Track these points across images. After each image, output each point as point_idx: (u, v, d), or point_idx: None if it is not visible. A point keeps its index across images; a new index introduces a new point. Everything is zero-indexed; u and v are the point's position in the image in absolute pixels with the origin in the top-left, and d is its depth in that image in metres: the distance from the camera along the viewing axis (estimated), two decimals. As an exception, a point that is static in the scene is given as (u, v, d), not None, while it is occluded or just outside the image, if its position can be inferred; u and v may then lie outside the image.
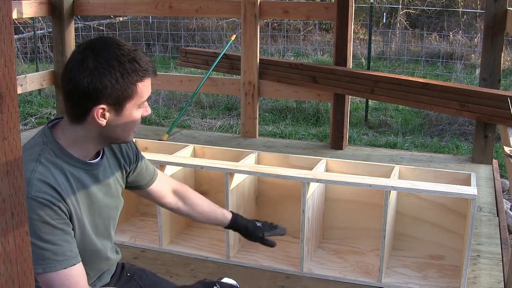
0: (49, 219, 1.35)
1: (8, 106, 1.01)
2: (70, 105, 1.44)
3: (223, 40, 10.41)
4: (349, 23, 4.21)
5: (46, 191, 1.36)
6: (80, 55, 1.40)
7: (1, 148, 1.01)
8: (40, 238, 1.34)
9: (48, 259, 1.35)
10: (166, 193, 1.80)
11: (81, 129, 1.44)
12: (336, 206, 2.74)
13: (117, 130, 1.45)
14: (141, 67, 1.40)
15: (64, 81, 1.45)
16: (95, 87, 1.37)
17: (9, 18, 0.97)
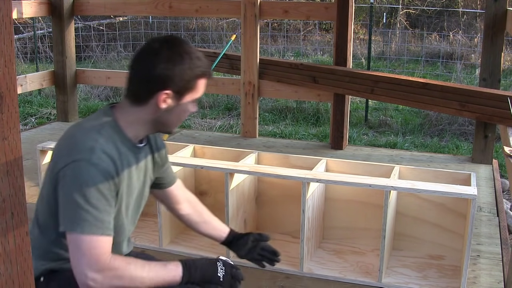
0: (102, 186, 1.46)
1: (8, 106, 1.01)
2: (137, 88, 1.58)
3: (223, 40, 10.41)
4: (349, 23, 4.21)
5: (106, 161, 1.49)
6: (156, 45, 1.55)
7: (1, 148, 1.01)
8: (87, 201, 1.43)
9: (87, 221, 1.43)
10: (181, 199, 1.93)
11: (140, 111, 1.58)
12: (336, 206, 2.74)
13: (171, 117, 1.60)
14: (204, 65, 1.59)
15: (136, 66, 1.57)
16: (166, 74, 1.53)
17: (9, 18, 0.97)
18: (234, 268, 1.64)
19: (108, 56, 9.54)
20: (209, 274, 1.57)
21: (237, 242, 1.99)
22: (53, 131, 4.90)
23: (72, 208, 1.44)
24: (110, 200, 1.49)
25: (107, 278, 1.43)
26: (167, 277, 1.51)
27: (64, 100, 5.18)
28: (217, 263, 1.61)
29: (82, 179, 1.45)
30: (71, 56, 5.11)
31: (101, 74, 5.34)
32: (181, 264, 1.54)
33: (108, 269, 1.43)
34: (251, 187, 2.76)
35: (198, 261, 1.58)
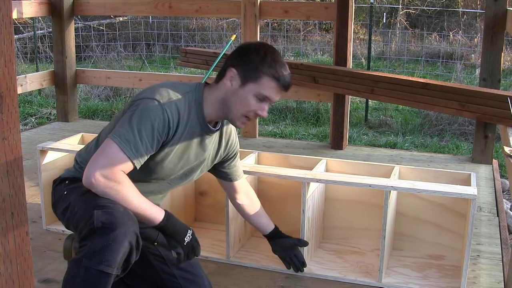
0: (157, 128, 1.70)
1: (8, 106, 1.01)
2: (223, 66, 1.86)
3: (223, 40, 10.41)
4: (349, 23, 4.21)
5: (174, 115, 1.74)
6: (251, 42, 1.88)
7: (1, 148, 1.01)
8: (139, 129, 1.68)
9: (127, 140, 1.66)
10: (240, 191, 2.25)
11: (215, 89, 1.84)
12: (336, 206, 2.74)
13: (234, 101, 1.82)
14: (278, 71, 1.79)
15: (233, 51, 1.87)
16: (240, 56, 1.82)
17: (9, 18, 0.97)
18: (197, 243, 1.84)
19: (108, 56, 9.54)
20: (178, 234, 1.77)
21: (277, 240, 2.32)
22: (53, 131, 4.90)
23: (125, 126, 1.69)
24: (154, 142, 1.70)
25: (107, 185, 1.63)
26: (148, 214, 1.71)
27: (64, 100, 5.18)
28: (188, 231, 1.81)
29: (148, 112, 1.69)
30: (71, 56, 5.11)
31: (101, 74, 5.34)
32: (164, 213, 1.75)
33: (113, 180, 1.64)
34: (251, 187, 2.75)
35: (176, 220, 1.78)
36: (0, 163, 1.03)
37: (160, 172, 1.87)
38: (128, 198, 1.67)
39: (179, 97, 1.78)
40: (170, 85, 1.84)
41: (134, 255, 1.61)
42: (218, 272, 2.46)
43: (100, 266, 1.51)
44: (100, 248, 1.52)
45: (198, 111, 1.83)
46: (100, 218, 1.55)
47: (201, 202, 2.98)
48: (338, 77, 4.23)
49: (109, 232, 1.53)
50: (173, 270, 1.92)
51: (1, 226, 1.04)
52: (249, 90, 1.80)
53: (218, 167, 2.15)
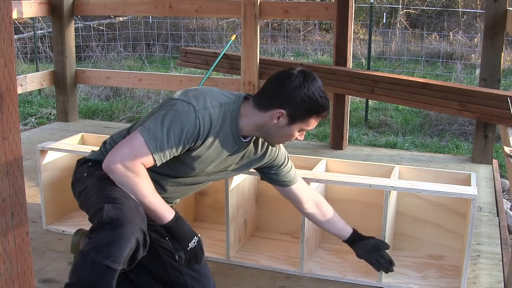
0: (186, 131, 1.73)
1: (8, 106, 1.01)
2: (264, 97, 1.86)
3: (223, 40, 10.41)
4: (349, 23, 4.21)
5: (206, 123, 1.78)
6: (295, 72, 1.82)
7: (1, 148, 1.01)
8: (169, 128, 1.71)
9: (155, 137, 1.69)
10: (305, 199, 2.21)
11: (257, 115, 1.86)
12: (336, 206, 2.73)
13: (277, 134, 1.88)
14: (324, 109, 1.85)
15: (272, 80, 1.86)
16: (289, 97, 1.80)
17: (9, 18, 0.97)
18: (201, 251, 1.84)
19: (108, 56, 9.54)
20: (184, 238, 1.78)
21: (359, 243, 2.25)
22: (53, 131, 4.90)
23: (156, 122, 1.72)
24: (181, 145, 1.74)
25: (125, 174, 1.66)
26: (160, 211, 1.73)
27: (64, 100, 5.18)
28: (195, 237, 1.81)
29: (180, 115, 1.73)
30: (71, 56, 5.11)
31: (101, 74, 5.34)
32: (175, 214, 1.77)
33: (131, 170, 1.67)
34: (251, 187, 2.76)
35: (185, 223, 1.80)
36: (0, 163, 1.03)
37: (185, 173, 1.92)
38: (143, 191, 1.69)
39: (215, 106, 1.81)
40: (210, 92, 1.87)
41: (141, 251, 1.63)
42: (218, 272, 2.46)
43: (106, 261, 1.53)
44: (107, 243, 1.54)
45: (233, 123, 1.86)
46: (109, 214, 1.58)
47: (201, 202, 2.98)
48: (338, 77, 4.23)
49: (116, 228, 1.55)
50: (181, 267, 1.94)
51: (1, 226, 1.05)
52: (294, 128, 1.86)
53: (266, 173, 2.17)
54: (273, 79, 1.87)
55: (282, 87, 1.82)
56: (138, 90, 7.44)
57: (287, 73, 1.83)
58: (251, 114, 1.86)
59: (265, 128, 1.87)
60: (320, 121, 1.90)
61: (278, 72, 1.89)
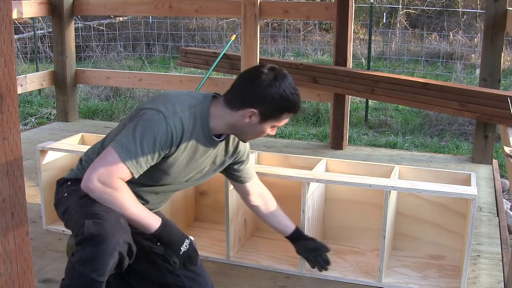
0: (159, 140, 1.74)
1: (8, 106, 1.01)
2: (235, 96, 1.86)
3: (223, 40, 10.41)
4: (349, 23, 4.20)
5: (177, 129, 1.77)
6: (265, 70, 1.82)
7: (1, 148, 1.01)
8: (141, 140, 1.72)
9: (129, 150, 1.70)
10: (253, 192, 2.25)
11: (228, 114, 1.85)
12: (336, 206, 2.74)
13: (249, 131, 1.89)
14: (295, 106, 1.85)
15: (241, 78, 1.87)
16: (260, 96, 1.80)
17: (9, 18, 0.97)
18: (195, 253, 1.84)
19: (108, 56, 9.54)
20: (175, 244, 1.79)
21: (300, 241, 2.28)
22: (53, 131, 4.90)
23: (128, 135, 1.73)
24: (155, 154, 1.75)
25: (104, 191, 1.67)
26: (144, 222, 1.74)
27: (64, 100, 5.18)
28: (186, 240, 1.82)
29: (151, 124, 1.74)
30: (71, 56, 5.11)
31: (101, 74, 5.34)
32: (161, 222, 1.77)
33: (110, 186, 1.68)
34: (251, 187, 2.75)
35: (174, 229, 1.81)
36: (0, 163, 1.03)
37: (165, 180, 1.93)
38: (125, 205, 1.70)
39: (184, 110, 1.81)
40: (178, 96, 1.87)
41: (126, 262, 1.67)
42: (218, 272, 2.46)
43: (92, 274, 1.59)
44: (91, 258, 1.59)
45: (204, 124, 1.86)
46: (90, 230, 1.61)
47: (201, 202, 2.98)
48: (338, 77, 4.23)
49: (98, 244, 1.59)
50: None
51: (1, 226, 1.04)
52: (267, 125, 1.87)
53: (228, 170, 2.17)
54: (243, 77, 1.87)
55: (252, 85, 1.82)
56: (138, 90, 7.44)
57: (258, 71, 1.83)
58: (222, 114, 1.87)
59: (237, 127, 1.88)
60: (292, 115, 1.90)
61: (248, 69, 1.89)
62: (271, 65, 1.86)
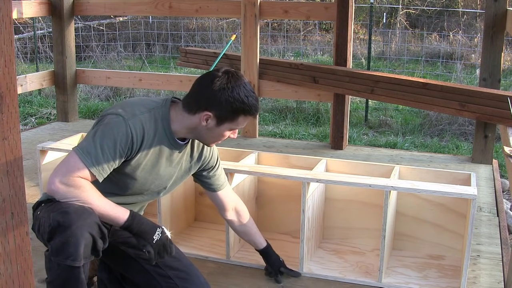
0: (119, 141, 1.76)
1: (8, 106, 1.01)
2: (191, 100, 1.88)
3: (223, 40, 10.41)
4: (349, 23, 4.21)
5: (137, 131, 1.80)
6: (219, 73, 1.85)
7: (1, 148, 1.01)
8: (101, 143, 1.75)
9: (89, 153, 1.73)
10: (228, 207, 2.27)
11: (187, 118, 1.88)
12: (336, 206, 2.74)
13: (208, 135, 1.91)
14: (251, 107, 1.86)
15: (197, 82, 1.89)
16: (214, 99, 1.82)
17: (9, 18, 0.97)
18: (168, 241, 1.85)
19: (108, 56, 9.54)
20: (146, 233, 1.80)
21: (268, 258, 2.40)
22: (53, 131, 4.90)
23: (89, 139, 1.77)
24: (117, 156, 1.77)
25: (67, 190, 1.70)
26: (112, 215, 1.76)
27: (64, 100, 5.18)
28: (157, 229, 1.83)
29: (111, 126, 1.77)
30: (71, 56, 5.11)
31: (101, 74, 5.34)
32: (129, 213, 1.79)
33: (72, 185, 1.70)
34: (251, 187, 2.76)
35: (144, 219, 1.82)
36: (0, 163, 1.03)
37: (133, 187, 1.93)
38: (89, 200, 1.72)
39: (144, 112, 1.84)
40: (137, 101, 1.92)
41: (99, 243, 1.70)
42: (218, 272, 2.46)
43: (67, 261, 1.62)
44: (61, 244, 1.63)
45: (166, 127, 1.88)
46: (56, 218, 1.64)
47: (201, 202, 2.98)
48: (338, 77, 4.23)
49: (66, 229, 1.63)
50: (167, 271, 1.97)
51: (1, 226, 1.04)
52: (224, 128, 1.89)
53: (199, 177, 2.19)
54: (198, 81, 1.89)
55: (207, 89, 1.84)
56: (138, 90, 7.44)
57: (212, 75, 1.86)
58: (181, 118, 1.89)
59: (196, 131, 1.90)
60: (251, 118, 1.91)
61: (204, 73, 1.91)
62: (226, 68, 1.88)
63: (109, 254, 2.01)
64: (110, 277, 2.09)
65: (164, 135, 1.89)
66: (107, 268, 2.08)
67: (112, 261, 2.05)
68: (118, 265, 2.04)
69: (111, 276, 2.09)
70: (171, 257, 1.99)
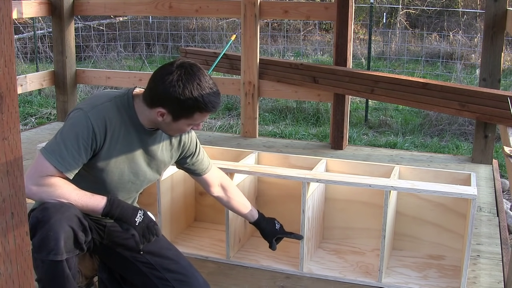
0: (81, 135, 1.75)
1: (8, 106, 1.01)
2: (147, 95, 1.84)
3: (223, 40, 10.41)
4: (349, 23, 4.21)
5: (97, 121, 1.78)
6: (172, 68, 1.78)
7: (1, 148, 1.01)
8: (63, 139, 1.75)
9: (53, 151, 1.74)
10: (213, 183, 2.25)
11: (146, 110, 1.85)
12: (336, 206, 2.74)
13: (167, 128, 1.87)
14: (206, 105, 1.78)
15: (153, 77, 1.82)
16: (166, 96, 1.76)
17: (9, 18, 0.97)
18: (152, 222, 1.82)
19: (108, 56, 9.54)
20: (127, 216, 1.77)
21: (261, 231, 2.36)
22: (53, 131, 4.90)
23: (53, 139, 1.78)
24: (81, 150, 1.75)
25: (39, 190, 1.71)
26: (90, 204, 1.75)
27: (64, 100, 5.18)
28: (139, 211, 1.80)
29: (72, 122, 1.77)
30: (71, 56, 5.11)
31: (101, 74, 5.34)
32: (106, 199, 1.77)
33: (43, 185, 1.71)
34: (251, 187, 2.76)
35: (123, 203, 1.80)
36: (0, 163, 1.03)
37: (111, 179, 1.90)
38: (65, 195, 1.72)
39: (104, 102, 1.83)
40: (100, 93, 1.91)
41: (80, 235, 1.71)
42: (218, 272, 2.46)
43: (49, 256, 1.64)
44: (42, 240, 1.64)
45: (130, 114, 1.86)
46: (35, 215, 1.67)
47: (201, 202, 2.98)
48: (338, 77, 4.23)
49: (45, 224, 1.64)
50: (165, 274, 1.96)
51: (1, 226, 1.04)
52: (181, 124, 1.84)
53: (182, 164, 2.16)
54: (154, 74, 1.83)
55: (159, 85, 1.77)
56: (138, 90, 7.43)
57: (165, 70, 1.79)
58: (142, 110, 1.86)
59: (157, 123, 1.87)
60: (209, 113, 1.84)
61: (160, 66, 1.84)
62: (182, 61, 1.80)
63: (107, 256, 2.02)
64: (110, 277, 2.09)
65: (131, 123, 1.86)
66: (107, 268, 2.08)
67: (111, 263, 2.05)
68: (116, 267, 2.05)
69: (111, 276, 2.09)
70: (168, 259, 1.99)
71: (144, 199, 2.78)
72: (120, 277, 2.08)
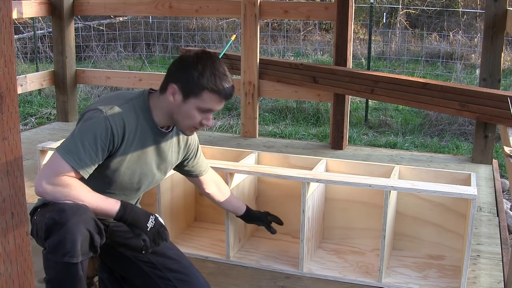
0: (99, 136, 1.76)
1: (8, 106, 1.01)
2: (164, 79, 1.90)
3: (223, 40, 10.41)
4: (349, 23, 4.21)
5: (115, 122, 1.79)
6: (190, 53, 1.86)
7: (1, 148, 1.01)
8: (81, 139, 1.75)
9: (70, 151, 1.73)
10: (207, 181, 2.30)
11: (161, 100, 1.89)
12: (336, 206, 2.74)
13: (178, 115, 1.87)
14: (218, 84, 1.83)
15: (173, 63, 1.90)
16: (179, 71, 1.84)
17: (9, 18, 0.97)
18: (162, 227, 1.85)
19: (108, 56, 9.54)
20: (139, 221, 1.80)
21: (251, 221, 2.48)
22: (53, 131, 4.90)
23: (69, 138, 1.78)
24: (99, 151, 1.76)
25: (54, 190, 1.70)
26: (104, 207, 1.76)
27: (64, 100, 5.18)
28: (150, 216, 1.83)
29: (90, 123, 1.77)
30: (71, 56, 5.11)
31: (101, 74, 5.34)
32: (120, 203, 1.79)
33: (59, 184, 1.70)
34: (251, 187, 2.76)
35: (136, 208, 1.82)
36: (0, 163, 1.03)
37: (121, 180, 1.92)
38: (80, 197, 1.72)
39: (122, 104, 1.85)
40: (115, 94, 1.93)
41: (97, 238, 1.70)
42: (218, 272, 2.46)
43: (64, 258, 1.63)
44: (58, 242, 1.63)
45: (147, 116, 1.90)
46: (52, 216, 1.65)
47: (201, 202, 2.98)
48: (338, 77, 4.23)
49: (62, 226, 1.63)
50: (166, 274, 1.96)
51: (1, 226, 1.04)
52: (191, 105, 1.85)
53: (181, 167, 2.19)
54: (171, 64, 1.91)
55: (175, 63, 1.88)
56: (138, 90, 7.43)
57: (183, 56, 1.88)
58: (157, 103, 1.90)
59: (170, 114, 1.89)
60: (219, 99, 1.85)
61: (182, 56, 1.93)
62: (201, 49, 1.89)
63: (108, 256, 2.01)
64: (110, 277, 2.09)
65: (146, 125, 1.89)
66: (108, 268, 2.08)
67: (112, 263, 2.05)
68: (118, 267, 2.05)
69: (111, 276, 2.09)
70: (170, 258, 1.99)
71: (144, 199, 2.77)
72: (120, 277, 2.08)
